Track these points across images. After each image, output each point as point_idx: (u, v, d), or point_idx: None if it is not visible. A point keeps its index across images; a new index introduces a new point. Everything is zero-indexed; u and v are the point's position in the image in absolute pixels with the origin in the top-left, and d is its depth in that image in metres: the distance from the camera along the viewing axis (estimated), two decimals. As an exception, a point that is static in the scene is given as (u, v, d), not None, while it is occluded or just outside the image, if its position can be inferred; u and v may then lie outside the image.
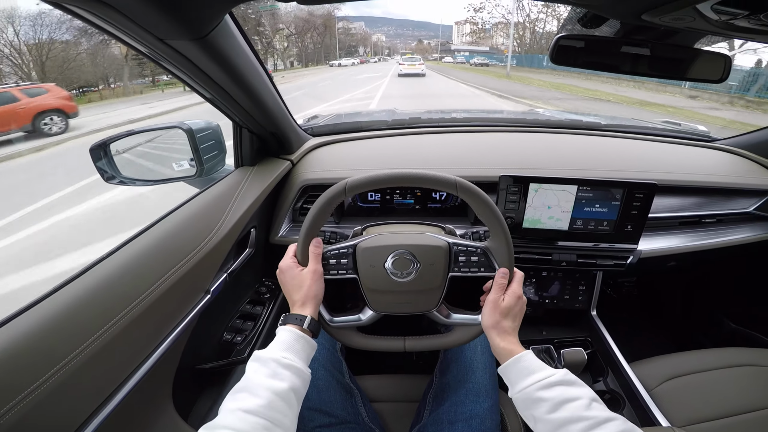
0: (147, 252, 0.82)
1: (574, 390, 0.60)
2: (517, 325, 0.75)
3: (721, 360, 1.13)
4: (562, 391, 0.60)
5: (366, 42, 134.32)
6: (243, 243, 1.10)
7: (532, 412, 0.62)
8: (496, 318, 0.73)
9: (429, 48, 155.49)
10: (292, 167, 1.29)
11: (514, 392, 0.66)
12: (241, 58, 0.85)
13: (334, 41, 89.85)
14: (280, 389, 0.60)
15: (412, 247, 0.77)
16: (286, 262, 0.79)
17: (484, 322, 0.76)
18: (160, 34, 0.66)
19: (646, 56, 0.82)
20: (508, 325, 0.73)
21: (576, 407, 0.58)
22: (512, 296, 0.75)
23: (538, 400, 0.61)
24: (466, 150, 1.42)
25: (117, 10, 0.57)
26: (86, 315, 0.66)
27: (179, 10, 0.60)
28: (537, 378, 0.63)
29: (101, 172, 1.12)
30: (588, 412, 0.57)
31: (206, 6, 0.64)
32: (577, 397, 0.59)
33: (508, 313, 0.74)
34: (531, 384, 0.63)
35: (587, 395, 0.60)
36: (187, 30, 0.66)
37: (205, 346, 1.03)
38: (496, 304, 0.74)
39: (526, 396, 0.63)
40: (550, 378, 0.62)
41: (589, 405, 0.58)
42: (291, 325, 0.71)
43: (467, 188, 0.74)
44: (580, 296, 1.35)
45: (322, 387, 0.91)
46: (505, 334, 0.72)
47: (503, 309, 0.74)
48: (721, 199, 1.31)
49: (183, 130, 1.09)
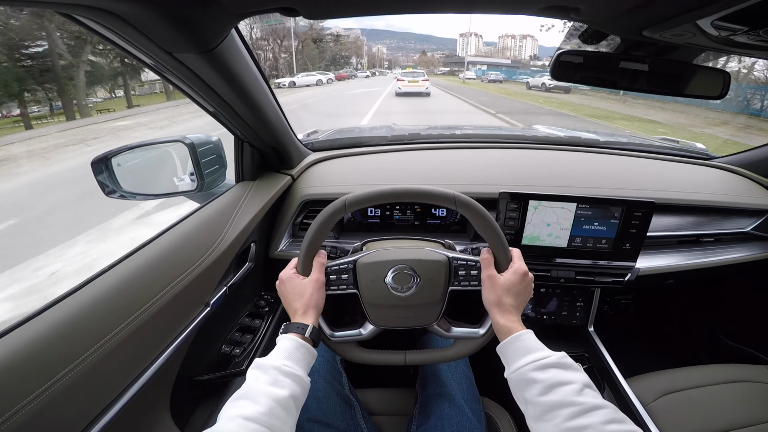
0: (148, 265, 0.82)
1: (568, 374, 0.60)
2: (520, 302, 0.75)
3: (716, 376, 1.13)
4: (556, 374, 0.60)
5: (359, 52, 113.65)
6: (243, 257, 1.11)
7: (524, 394, 0.61)
8: (497, 294, 0.73)
9: (434, 60, 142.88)
10: (292, 182, 1.30)
11: (509, 372, 0.66)
12: (246, 72, 0.87)
13: (310, 50, 72.49)
14: (280, 396, 0.60)
15: (412, 262, 0.78)
16: (286, 272, 0.80)
17: (484, 298, 0.76)
18: (168, 48, 0.67)
19: (646, 72, 0.84)
20: (510, 302, 0.73)
21: (567, 391, 0.57)
22: (515, 273, 0.75)
23: (531, 381, 0.61)
24: (465, 166, 1.43)
25: (128, 23, 0.58)
26: (86, 326, 0.66)
27: (189, 24, 0.62)
28: (533, 358, 0.63)
29: (102, 186, 1.12)
30: (578, 397, 0.56)
31: (214, 20, 0.65)
32: (570, 381, 0.58)
33: (509, 289, 0.73)
34: (526, 364, 0.62)
35: (581, 380, 0.59)
36: (195, 43, 0.68)
37: (204, 358, 1.03)
38: (492, 281, 0.74)
39: (520, 376, 0.63)
40: (547, 359, 0.62)
41: (581, 390, 0.57)
42: (292, 333, 0.71)
43: (465, 202, 0.75)
44: (577, 312, 1.35)
45: (322, 398, 0.91)
46: (506, 312, 0.72)
47: (504, 284, 0.73)
48: (719, 219, 1.32)
49: (185, 144, 1.10)
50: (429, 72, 38.80)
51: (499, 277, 0.75)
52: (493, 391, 1.04)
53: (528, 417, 0.61)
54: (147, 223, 4.09)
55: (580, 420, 0.54)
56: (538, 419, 0.58)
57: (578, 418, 0.54)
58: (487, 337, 0.80)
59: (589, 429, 0.52)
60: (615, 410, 0.55)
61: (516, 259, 0.78)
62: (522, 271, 0.75)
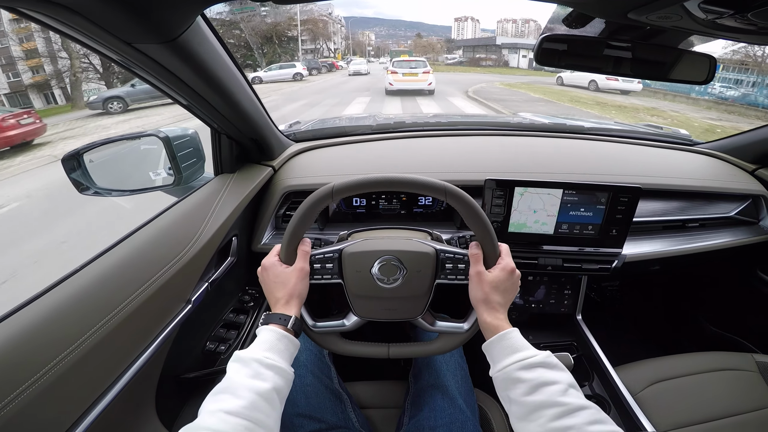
0: (125, 262, 0.80)
1: (553, 374, 0.60)
2: (507, 300, 0.74)
3: (704, 364, 1.14)
4: (541, 374, 0.60)
5: (325, 34, 77.30)
6: (225, 252, 1.08)
7: (509, 393, 0.61)
8: (485, 291, 0.72)
9: (435, 46, 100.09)
10: (273, 173, 1.27)
11: (494, 371, 0.65)
12: (216, 60, 0.82)
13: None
14: (262, 389, 0.59)
15: (400, 253, 0.76)
16: (269, 259, 0.78)
17: (472, 295, 0.74)
18: (127, 38, 0.62)
19: (631, 57, 0.83)
20: (497, 299, 0.71)
21: (552, 392, 0.57)
22: (503, 270, 0.73)
23: (516, 380, 0.60)
24: (451, 154, 1.41)
25: (78, 14, 0.53)
26: (62, 325, 0.65)
27: (147, 12, 0.57)
28: (519, 357, 0.62)
29: (75, 184, 1.08)
30: (563, 397, 0.56)
31: (176, 7, 0.60)
32: (555, 381, 0.58)
33: (497, 286, 0.72)
34: (512, 363, 0.62)
35: (566, 380, 0.59)
36: (157, 33, 0.63)
37: (188, 355, 1.01)
38: (480, 277, 0.72)
39: (505, 375, 0.62)
40: (532, 359, 0.61)
41: (565, 391, 0.57)
42: (274, 324, 0.69)
43: (456, 194, 0.73)
44: (565, 300, 1.35)
45: (311, 393, 0.90)
46: (493, 310, 0.71)
47: (492, 281, 0.72)
48: (703, 204, 1.33)
49: (159, 138, 1.06)
50: (431, 62, 25.22)
51: (487, 273, 0.73)
52: (486, 383, 1.03)
53: (512, 416, 0.61)
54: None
55: (564, 420, 0.54)
56: (523, 419, 0.58)
57: (563, 418, 0.54)
58: (471, 333, 0.79)
59: (573, 429, 0.53)
60: (598, 410, 0.56)
61: (504, 255, 0.76)
62: (510, 268, 0.74)
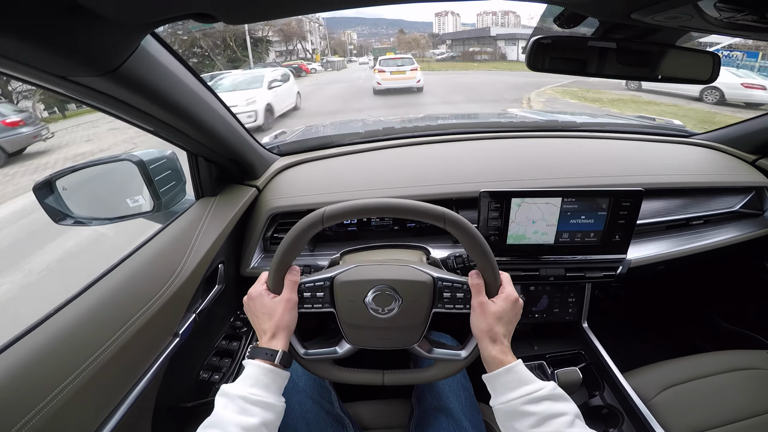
0: (107, 298, 0.76)
1: (559, 405, 0.61)
2: (510, 330, 0.72)
3: (718, 365, 1.10)
4: (548, 406, 0.60)
5: (299, 33, 62.60)
6: (211, 279, 1.03)
7: (514, 424, 0.62)
8: (489, 323, 0.69)
9: (419, 41, 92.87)
10: (258, 194, 1.20)
11: (497, 402, 0.65)
12: (173, 84, 0.73)
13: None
14: (250, 425, 0.58)
15: (395, 282, 0.72)
16: (256, 288, 0.75)
17: (474, 326, 0.72)
18: (59, 72, 0.54)
19: (637, 58, 0.78)
20: (501, 331, 0.70)
21: (559, 424, 0.58)
22: (506, 300, 0.71)
23: (523, 413, 0.61)
24: (443, 162, 1.36)
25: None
26: (46, 369, 0.62)
27: (72, 47, 0.49)
28: (526, 391, 0.62)
29: (51, 213, 1.02)
30: (570, 429, 0.58)
31: (112, 36, 0.52)
32: (563, 413, 0.60)
33: (501, 317, 0.70)
34: (518, 397, 0.62)
35: (572, 411, 0.61)
36: (91, 66, 0.54)
37: (182, 386, 0.98)
38: (483, 308, 0.70)
39: (511, 408, 0.62)
40: (539, 392, 0.62)
41: (572, 422, 0.59)
42: (260, 359, 0.67)
43: (455, 221, 0.69)
44: (570, 308, 1.31)
45: (312, 420, 0.88)
46: (497, 342, 0.69)
47: (495, 313, 0.70)
48: (705, 199, 1.29)
49: (132, 162, 1.00)
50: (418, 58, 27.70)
51: (491, 304, 0.70)
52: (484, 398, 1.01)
53: None
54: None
55: None
56: None
57: None
58: (469, 361, 0.76)
59: None
60: None
61: (506, 284, 0.73)
62: (513, 298, 0.72)
